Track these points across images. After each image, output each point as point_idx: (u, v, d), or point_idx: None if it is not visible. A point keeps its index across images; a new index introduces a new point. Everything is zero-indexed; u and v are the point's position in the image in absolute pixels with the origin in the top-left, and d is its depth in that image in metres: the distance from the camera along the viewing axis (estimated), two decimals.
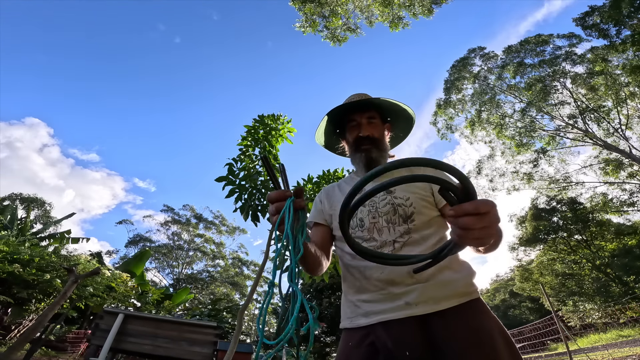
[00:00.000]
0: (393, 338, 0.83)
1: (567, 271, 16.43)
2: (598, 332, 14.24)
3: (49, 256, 7.86)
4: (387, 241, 0.95)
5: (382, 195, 1.02)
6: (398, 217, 0.97)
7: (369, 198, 0.54)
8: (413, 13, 9.25)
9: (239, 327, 1.07)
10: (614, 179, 15.54)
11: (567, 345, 7.60)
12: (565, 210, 16.62)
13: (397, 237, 0.94)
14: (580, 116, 15.63)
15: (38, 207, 23.56)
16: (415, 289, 0.87)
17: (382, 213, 0.99)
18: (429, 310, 0.84)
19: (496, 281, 42.99)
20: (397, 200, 1.00)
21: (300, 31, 9.54)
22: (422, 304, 0.85)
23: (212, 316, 14.70)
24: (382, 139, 1.12)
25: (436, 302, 0.84)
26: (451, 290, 0.86)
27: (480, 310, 0.86)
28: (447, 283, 0.87)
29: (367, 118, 1.11)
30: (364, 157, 1.08)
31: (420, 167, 0.76)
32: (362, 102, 1.11)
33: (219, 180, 3.55)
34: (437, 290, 0.86)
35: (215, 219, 32.71)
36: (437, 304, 0.84)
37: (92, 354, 5.15)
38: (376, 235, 0.97)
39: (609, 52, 13.88)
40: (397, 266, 0.89)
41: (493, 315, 0.87)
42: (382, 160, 1.09)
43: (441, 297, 0.85)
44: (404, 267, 0.88)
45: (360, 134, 1.09)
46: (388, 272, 0.90)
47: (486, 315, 0.85)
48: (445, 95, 19.36)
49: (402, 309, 0.86)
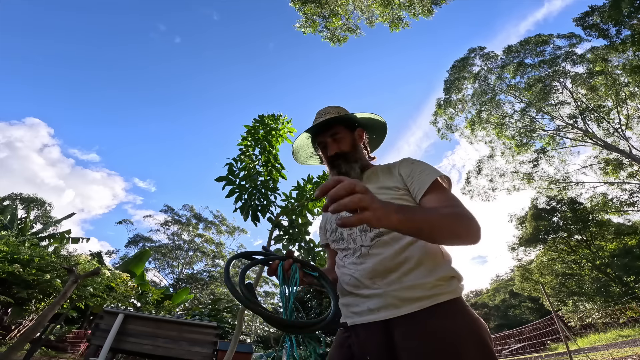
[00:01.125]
0: (359, 342, 0.86)
1: (567, 271, 16.43)
2: (598, 332, 14.25)
3: (49, 256, 7.87)
4: (357, 248, 0.97)
5: None
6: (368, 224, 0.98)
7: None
8: (413, 13, 9.26)
9: (239, 327, 1.06)
10: (614, 179, 15.54)
11: (567, 345, 7.60)
12: (565, 210, 16.62)
13: (367, 242, 0.95)
14: (580, 116, 15.63)
15: (38, 207, 23.57)
16: (378, 294, 0.86)
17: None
18: (390, 315, 0.83)
19: (496, 281, 43.00)
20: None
21: (300, 31, 9.55)
22: (383, 310, 0.84)
23: (212, 316, 14.70)
24: (352, 149, 1.12)
25: (397, 307, 0.83)
26: (415, 294, 0.83)
27: (448, 314, 0.80)
28: (411, 287, 0.84)
29: (330, 136, 1.13)
30: (336, 173, 1.11)
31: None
32: (317, 126, 1.13)
33: (219, 180, 3.55)
34: (399, 294, 0.84)
35: (215, 219, 32.73)
36: (398, 309, 0.82)
37: (92, 354, 5.15)
38: (351, 244, 1.00)
39: (609, 52, 13.88)
40: (360, 273, 0.92)
41: (469, 318, 0.81)
42: (351, 173, 1.08)
43: (403, 301, 0.83)
44: (365, 272, 0.91)
45: (329, 154, 1.12)
46: (356, 277, 0.93)
47: (456, 318, 0.80)
48: (446, 95, 19.36)
49: (366, 314, 0.87)
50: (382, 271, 0.88)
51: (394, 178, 1.01)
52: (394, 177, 1.01)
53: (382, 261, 0.89)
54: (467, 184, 19.18)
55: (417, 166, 1.00)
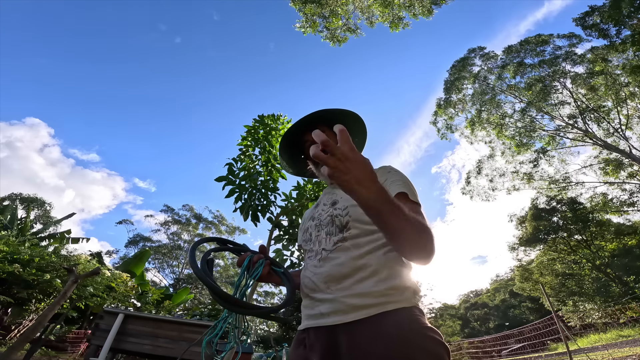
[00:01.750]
0: (309, 344, 0.88)
1: (567, 271, 16.43)
2: (598, 332, 14.25)
3: (49, 256, 7.87)
4: (319, 250, 0.99)
5: (326, 208, 1.06)
6: (335, 228, 0.99)
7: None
8: (413, 14, 9.26)
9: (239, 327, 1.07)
10: (614, 179, 15.54)
11: (567, 345, 7.60)
12: (565, 210, 16.62)
13: (329, 246, 0.96)
14: (580, 116, 15.64)
15: (38, 207, 23.57)
16: (329, 299, 0.87)
17: (323, 225, 1.02)
18: (338, 321, 0.83)
19: (496, 281, 43.01)
20: (335, 212, 1.01)
21: (300, 31, 9.55)
22: (332, 315, 0.85)
23: (212, 316, 14.68)
24: None
25: (345, 313, 0.83)
26: (363, 302, 0.82)
27: (394, 322, 0.78)
28: (360, 294, 0.83)
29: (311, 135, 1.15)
30: (319, 173, 1.12)
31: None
32: (303, 121, 1.14)
33: (219, 180, 3.55)
34: (348, 300, 0.84)
35: (215, 219, 32.75)
36: (346, 315, 0.82)
37: (92, 354, 5.15)
38: (316, 246, 1.01)
39: (609, 52, 13.89)
40: (317, 276, 0.93)
41: (418, 326, 0.78)
42: None
43: (351, 308, 0.82)
44: (322, 276, 0.92)
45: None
46: (314, 281, 0.94)
47: (402, 327, 0.77)
48: (446, 95, 19.37)
49: (317, 317, 0.89)
50: (337, 277, 0.89)
51: None
52: None
53: (338, 266, 0.90)
54: (467, 184, 19.19)
55: (392, 175, 0.99)
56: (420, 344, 0.75)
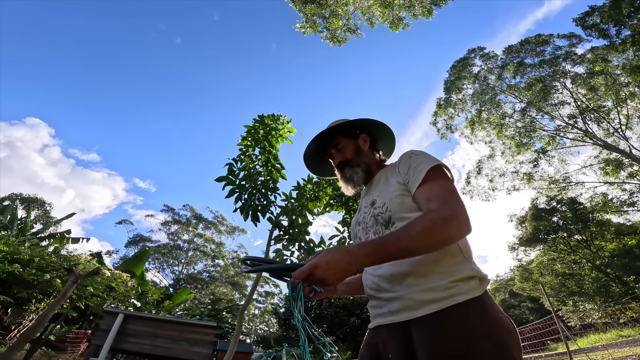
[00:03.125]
0: (383, 342, 0.92)
1: (567, 271, 16.43)
2: (598, 332, 14.24)
3: (49, 256, 7.86)
4: None
5: (367, 209, 1.09)
6: (380, 226, 1.01)
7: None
8: (413, 14, 9.26)
9: (239, 327, 1.07)
10: (614, 179, 15.54)
11: (567, 345, 7.60)
12: (565, 210, 16.62)
13: None
14: (580, 116, 15.63)
15: (38, 208, 23.56)
16: (397, 297, 0.90)
17: (369, 227, 1.05)
18: (408, 317, 0.86)
19: (496, 281, 42.99)
20: (376, 210, 1.04)
21: (300, 31, 9.55)
22: (402, 312, 0.88)
23: (212, 316, 14.68)
24: (354, 156, 1.20)
25: (414, 309, 0.85)
26: (431, 296, 0.84)
27: (463, 314, 0.80)
28: (427, 289, 0.86)
29: (334, 147, 1.23)
30: (342, 178, 1.21)
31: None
32: (317, 138, 1.24)
33: (219, 180, 3.55)
34: (416, 296, 0.86)
35: (215, 218, 32.75)
36: (415, 311, 0.85)
37: (92, 354, 5.15)
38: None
39: (609, 52, 13.88)
40: (379, 277, 0.97)
41: (487, 317, 0.80)
42: (355, 176, 1.17)
43: (420, 303, 0.85)
44: (384, 277, 0.95)
45: (335, 164, 1.24)
46: (376, 282, 0.97)
47: (470, 319, 0.79)
48: (446, 95, 19.37)
49: (387, 315, 0.92)
50: (399, 276, 0.91)
51: (396, 175, 1.05)
52: (396, 175, 1.05)
53: (396, 265, 0.92)
54: (467, 184, 19.19)
55: (414, 161, 1.01)
56: (490, 339, 0.76)
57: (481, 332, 0.76)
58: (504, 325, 0.80)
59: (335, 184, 4.02)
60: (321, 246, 3.66)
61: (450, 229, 0.82)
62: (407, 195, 0.98)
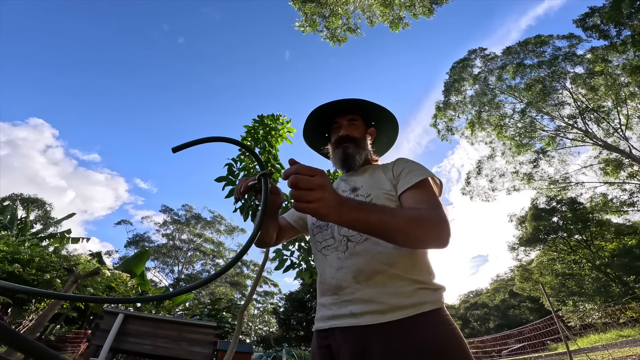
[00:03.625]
0: (336, 346, 0.84)
1: (567, 271, 16.42)
2: (598, 332, 14.23)
3: (49, 256, 7.87)
4: (340, 239, 0.95)
5: (347, 193, 1.04)
6: None
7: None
8: (413, 13, 9.26)
9: (239, 327, 1.06)
10: (614, 179, 15.54)
11: (567, 345, 7.60)
12: (565, 211, 16.62)
13: (357, 237, 0.92)
14: (580, 116, 15.64)
15: (38, 208, 23.56)
16: (362, 299, 0.83)
17: None
18: (373, 321, 0.80)
19: (496, 281, 43.00)
20: (358, 198, 1.00)
21: (299, 31, 9.55)
22: (367, 315, 0.81)
23: (212, 316, 14.67)
24: (362, 139, 1.14)
25: (381, 313, 0.80)
26: (401, 301, 0.80)
27: (432, 323, 0.78)
28: (398, 293, 0.82)
29: (348, 120, 1.15)
30: (340, 152, 1.11)
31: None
32: (342, 103, 1.13)
33: (219, 180, 3.55)
34: (386, 299, 0.81)
35: (214, 219, 32.78)
36: (382, 316, 0.79)
37: (92, 354, 5.15)
38: (336, 233, 0.97)
39: (609, 53, 13.89)
40: (345, 271, 0.89)
41: (451, 328, 0.79)
42: (357, 157, 1.09)
43: (389, 308, 0.80)
44: (350, 270, 0.87)
45: (341, 134, 1.13)
46: (337, 277, 0.90)
47: (439, 328, 0.78)
48: (445, 97, 19.38)
49: (347, 317, 0.84)
50: (368, 272, 0.85)
51: (389, 174, 1.02)
52: (389, 173, 1.02)
53: (369, 261, 0.86)
54: (467, 184, 19.20)
55: (410, 166, 1.00)
56: (458, 348, 0.76)
57: (449, 341, 0.76)
58: (461, 335, 0.80)
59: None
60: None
61: (434, 231, 0.78)
62: (394, 199, 0.94)
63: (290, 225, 1.21)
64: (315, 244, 1.05)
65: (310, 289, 19.47)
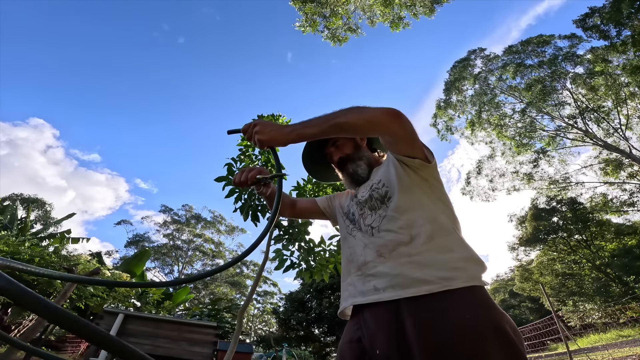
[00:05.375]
0: (369, 334, 0.77)
1: (567, 271, 16.43)
2: (598, 332, 14.23)
3: (49, 256, 7.85)
4: (366, 229, 0.96)
5: (365, 185, 1.09)
6: (376, 201, 0.97)
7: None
8: (414, 13, 9.25)
9: (239, 327, 1.06)
10: (614, 179, 15.54)
11: (567, 345, 7.60)
12: (565, 211, 16.62)
13: (377, 221, 0.93)
14: (580, 116, 15.64)
15: (38, 208, 23.56)
16: (384, 273, 0.79)
17: (364, 202, 1.01)
18: (397, 296, 0.73)
19: (496, 281, 42.99)
20: (372, 189, 1.02)
21: (300, 31, 9.54)
22: (389, 289, 0.75)
23: (212, 316, 14.68)
24: (354, 151, 1.17)
25: (403, 287, 0.73)
26: (426, 274, 0.73)
27: (467, 303, 0.70)
28: (423, 264, 0.75)
29: (332, 145, 1.19)
30: (345, 175, 1.16)
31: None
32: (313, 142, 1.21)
33: (218, 180, 3.55)
34: (408, 272, 0.75)
35: (214, 219, 32.78)
36: (405, 290, 0.73)
37: (92, 354, 5.16)
38: (361, 223, 0.99)
39: (609, 53, 13.89)
40: (370, 247, 0.88)
41: (493, 312, 0.70)
42: (360, 170, 1.14)
43: (412, 281, 0.73)
44: (374, 245, 0.87)
45: (335, 161, 1.20)
46: (364, 253, 0.89)
47: (477, 309, 0.69)
48: (446, 96, 19.38)
49: (371, 293, 0.79)
50: (391, 245, 0.83)
51: (390, 157, 1.06)
52: (390, 160, 1.05)
53: (392, 233, 0.85)
54: (467, 184, 19.20)
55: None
56: (497, 333, 0.66)
57: (490, 326, 0.67)
58: (509, 321, 0.70)
59: (335, 184, 4.02)
60: (321, 246, 3.66)
61: (374, 109, 0.85)
62: (405, 176, 0.94)
63: (319, 210, 1.31)
64: (344, 227, 1.10)
65: (310, 289, 19.48)
